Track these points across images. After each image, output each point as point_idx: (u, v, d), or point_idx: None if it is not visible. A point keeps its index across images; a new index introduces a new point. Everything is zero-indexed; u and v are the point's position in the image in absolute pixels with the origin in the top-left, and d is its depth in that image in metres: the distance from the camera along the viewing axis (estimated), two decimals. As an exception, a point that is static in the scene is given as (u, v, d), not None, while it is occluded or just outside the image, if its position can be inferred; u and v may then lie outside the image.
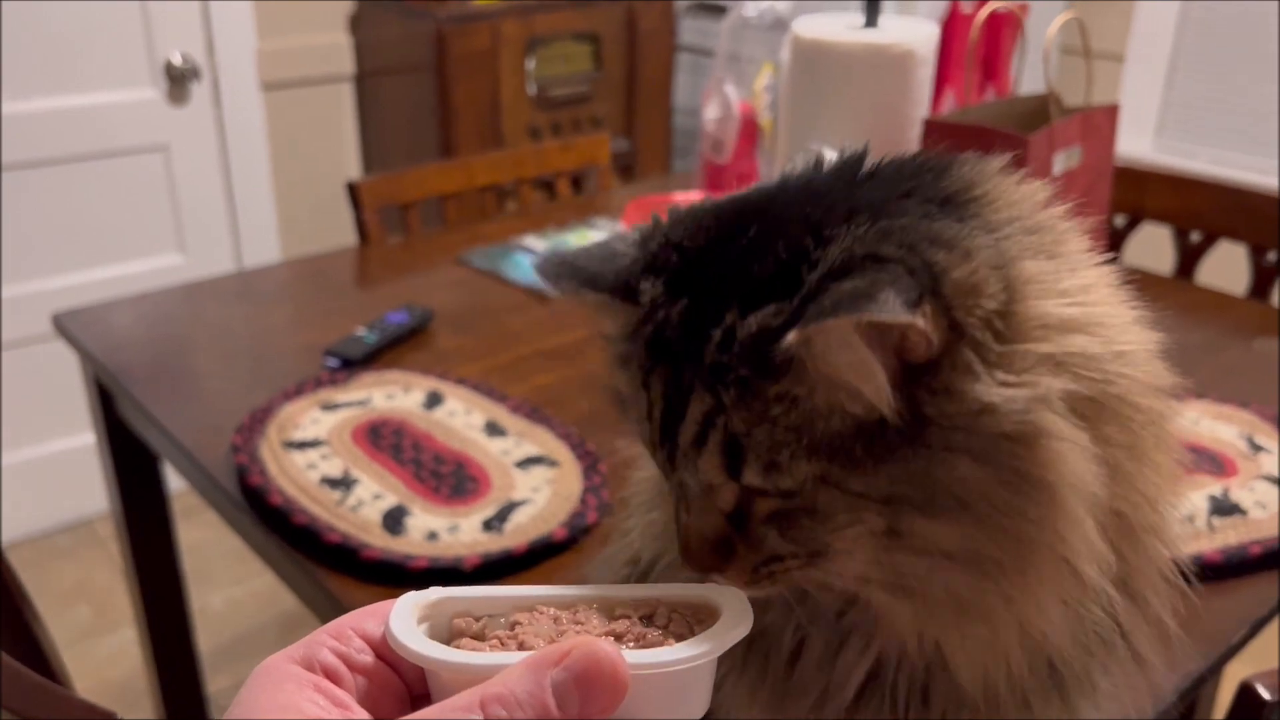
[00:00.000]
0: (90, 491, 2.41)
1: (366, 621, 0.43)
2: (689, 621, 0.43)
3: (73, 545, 2.50)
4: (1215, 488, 1.03)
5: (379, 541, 0.97)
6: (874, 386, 0.43)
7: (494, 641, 0.42)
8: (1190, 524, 0.99)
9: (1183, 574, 0.57)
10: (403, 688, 0.43)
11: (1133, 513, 0.50)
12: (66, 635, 2.19)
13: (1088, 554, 0.46)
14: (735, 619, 0.42)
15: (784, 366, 0.44)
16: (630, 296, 0.50)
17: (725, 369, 0.45)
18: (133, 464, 1.48)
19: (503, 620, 0.43)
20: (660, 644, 0.41)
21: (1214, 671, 0.88)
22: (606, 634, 0.41)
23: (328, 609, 0.97)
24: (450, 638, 0.43)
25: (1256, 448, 1.11)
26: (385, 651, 0.42)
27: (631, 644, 0.41)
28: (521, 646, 0.41)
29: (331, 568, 0.96)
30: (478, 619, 0.44)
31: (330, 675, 0.41)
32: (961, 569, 0.46)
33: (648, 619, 0.43)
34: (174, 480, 1.49)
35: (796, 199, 0.49)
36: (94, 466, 1.71)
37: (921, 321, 0.42)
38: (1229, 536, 0.97)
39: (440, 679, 0.40)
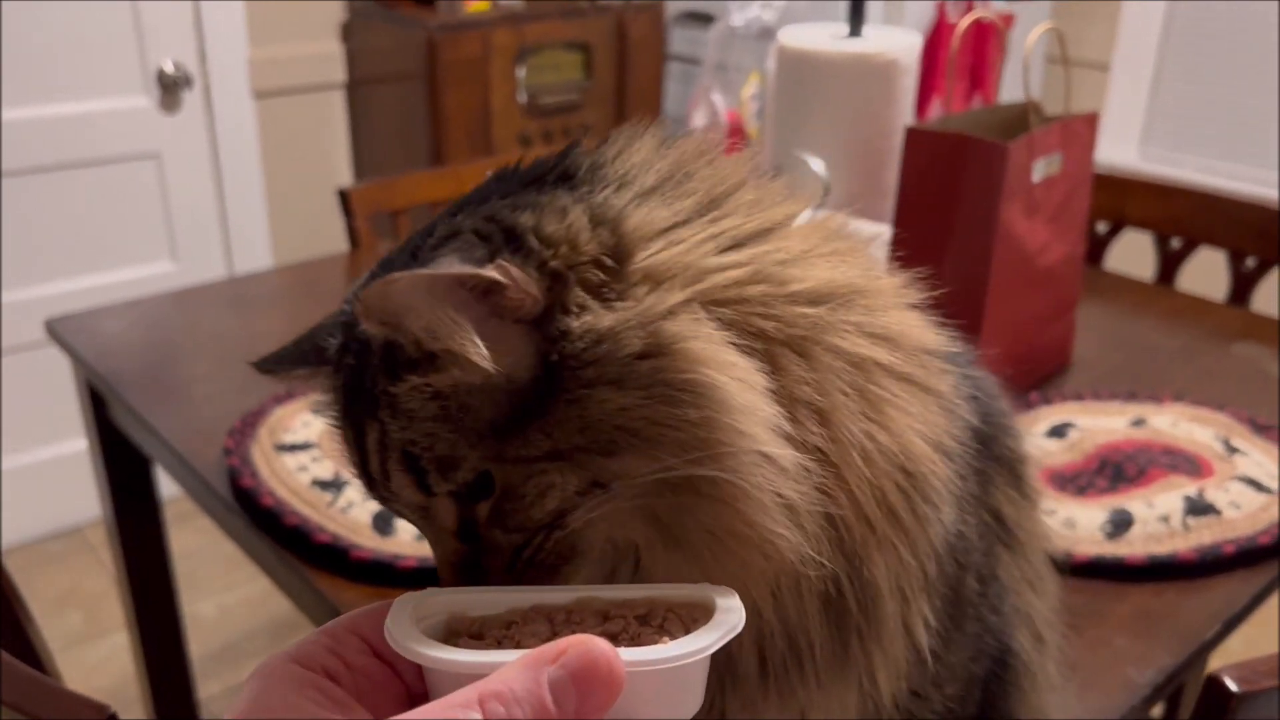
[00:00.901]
0: (81, 498, 2.41)
1: (364, 621, 0.44)
2: (683, 620, 0.43)
3: (64, 551, 2.50)
4: (1191, 488, 1.05)
5: (369, 542, 0.98)
6: (459, 342, 0.44)
7: (491, 641, 0.43)
8: (1166, 524, 1.01)
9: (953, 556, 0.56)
10: (401, 687, 0.44)
11: (838, 453, 0.49)
12: (57, 641, 2.19)
13: (773, 439, 0.46)
14: (729, 616, 0.42)
15: (409, 363, 0.46)
16: (322, 359, 0.52)
17: (373, 391, 0.47)
18: (125, 470, 1.49)
19: (499, 620, 0.44)
20: (655, 642, 0.41)
21: (1188, 667, 0.90)
22: (602, 633, 0.42)
23: (318, 610, 0.99)
24: (447, 637, 0.43)
25: (1232, 449, 1.13)
26: (383, 651, 0.43)
27: (626, 642, 0.41)
28: (518, 646, 0.42)
29: (322, 568, 0.98)
30: (474, 618, 0.44)
31: (329, 675, 0.42)
32: (687, 497, 0.46)
33: (643, 618, 0.43)
34: (166, 486, 1.50)
35: (446, 211, 0.53)
36: (85, 473, 1.72)
37: (495, 274, 0.44)
38: (1204, 536, 0.99)
39: (438, 677, 0.41)
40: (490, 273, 0.44)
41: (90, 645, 2.22)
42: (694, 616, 0.43)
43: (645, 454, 0.45)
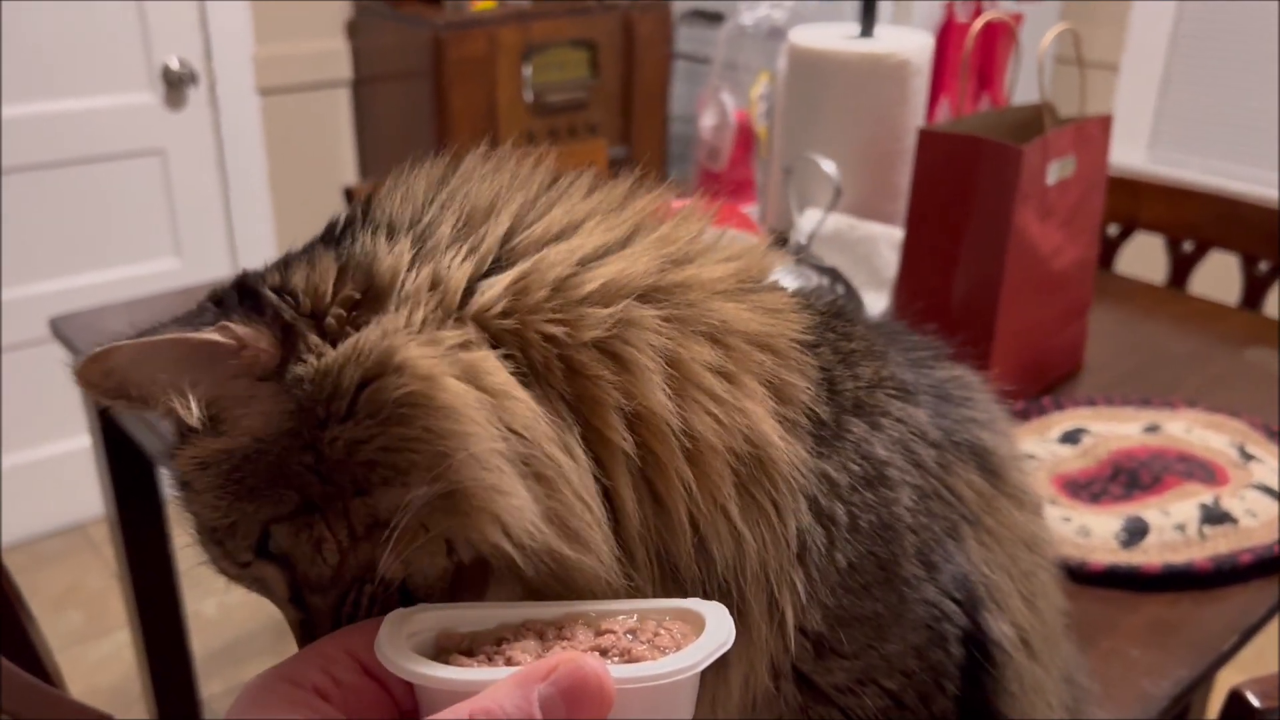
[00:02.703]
0: (83, 496, 2.41)
1: (355, 638, 0.43)
2: (674, 634, 0.43)
3: (65, 550, 2.49)
4: (1206, 496, 1.04)
5: (374, 546, 0.97)
6: (168, 403, 0.45)
7: (481, 657, 0.42)
8: (1182, 532, 0.99)
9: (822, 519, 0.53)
10: (391, 704, 0.43)
11: (663, 452, 0.48)
12: (58, 640, 2.18)
13: (497, 432, 0.44)
14: (719, 632, 0.42)
15: (182, 433, 0.47)
16: None
17: (169, 467, 0.49)
18: (128, 468, 1.48)
19: (490, 635, 0.44)
20: (645, 658, 0.41)
21: (1204, 679, 0.89)
22: (592, 649, 0.42)
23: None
24: (438, 654, 0.43)
25: (1248, 456, 1.11)
26: (374, 668, 0.42)
27: (617, 658, 0.41)
28: (509, 662, 0.41)
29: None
30: (465, 634, 0.44)
31: (319, 692, 0.41)
32: (451, 516, 0.45)
33: (633, 633, 0.43)
34: (168, 484, 1.49)
35: None
36: (86, 471, 1.71)
37: (216, 335, 0.44)
38: (1220, 545, 0.98)
39: (429, 694, 0.41)
40: (207, 335, 0.44)
41: (92, 644, 2.21)
42: (684, 631, 0.43)
43: (396, 485, 0.44)
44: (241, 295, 0.47)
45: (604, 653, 0.42)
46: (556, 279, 0.48)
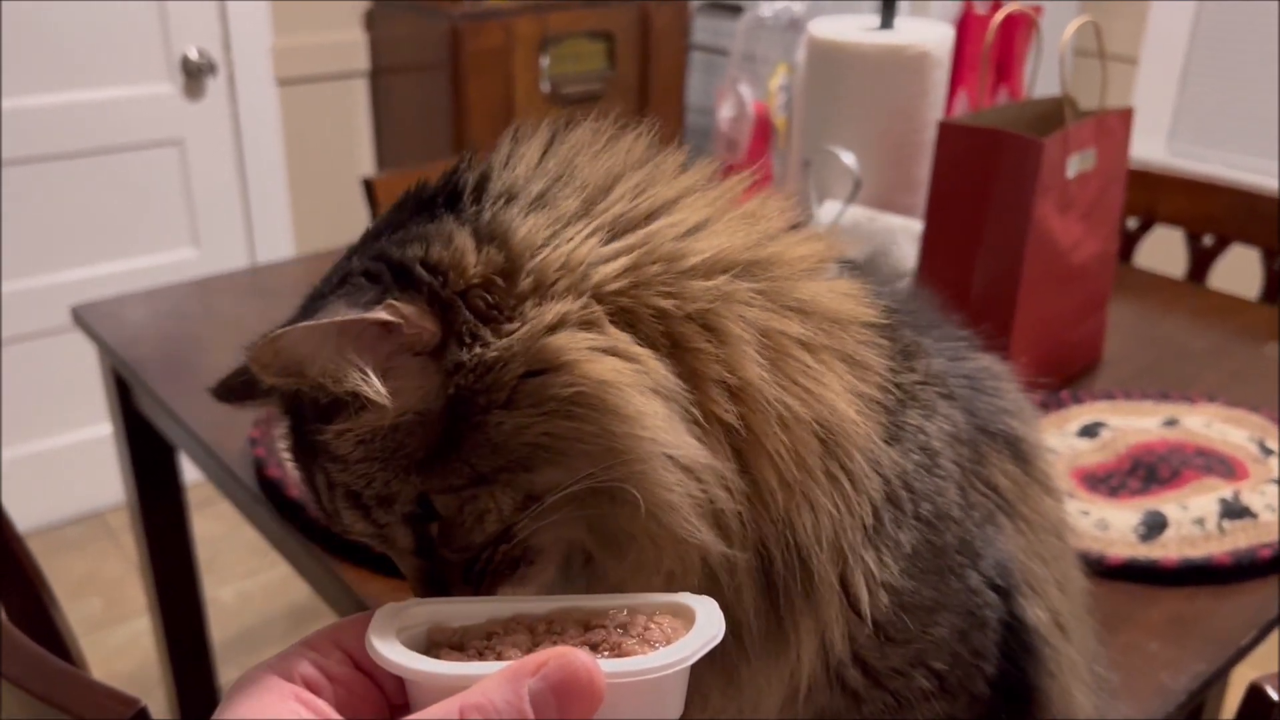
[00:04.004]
0: (101, 483, 2.43)
1: (346, 632, 0.44)
2: (664, 628, 0.43)
3: (83, 537, 2.51)
4: (1226, 491, 1.04)
5: (395, 535, 0.98)
6: (356, 384, 0.45)
7: (472, 652, 0.43)
8: (1201, 527, 0.99)
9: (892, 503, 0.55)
10: (382, 698, 0.44)
11: (757, 423, 0.49)
12: (77, 627, 2.18)
13: (674, 440, 0.46)
14: (709, 626, 0.43)
15: (330, 409, 0.47)
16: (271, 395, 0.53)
17: (309, 435, 0.49)
18: (149, 456, 1.49)
19: (480, 630, 0.44)
20: (635, 652, 0.42)
21: (1223, 673, 0.89)
22: (583, 643, 0.42)
23: (342, 600, 0.98)
24: (429, 648, 0.44)
25: (1267, 451, 1.11)
26: (364, 662, 0.43)
27: (607, 653, 0.42)
28: (499, 657, 0.42)
29: (348, 560, 0.97)
30: (455, 629, 0.44)
31: (310, 686, 0.42)
32: (607, 504, 0.47)
33: (623, 628, 0.43)
34: (188, 472, 1.51)
35: (352, 246, 0.53)
36: (105, 458, 1.73)
37: (385, 314, 0.45)
38: (1239, 539, 0.98)
39: (419, 689, 0.41)
40: (380, 314, 0.45)
41: (110, 630, 2.23)
42: (675, 625, 0.43)
43: (561, 466, 0.46)
44: (394, 271, 0.47)
45: (594, 647, 0.42)
46: (666, 254, 0.49)
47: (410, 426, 0.47)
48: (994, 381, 0.65)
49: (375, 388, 0.45)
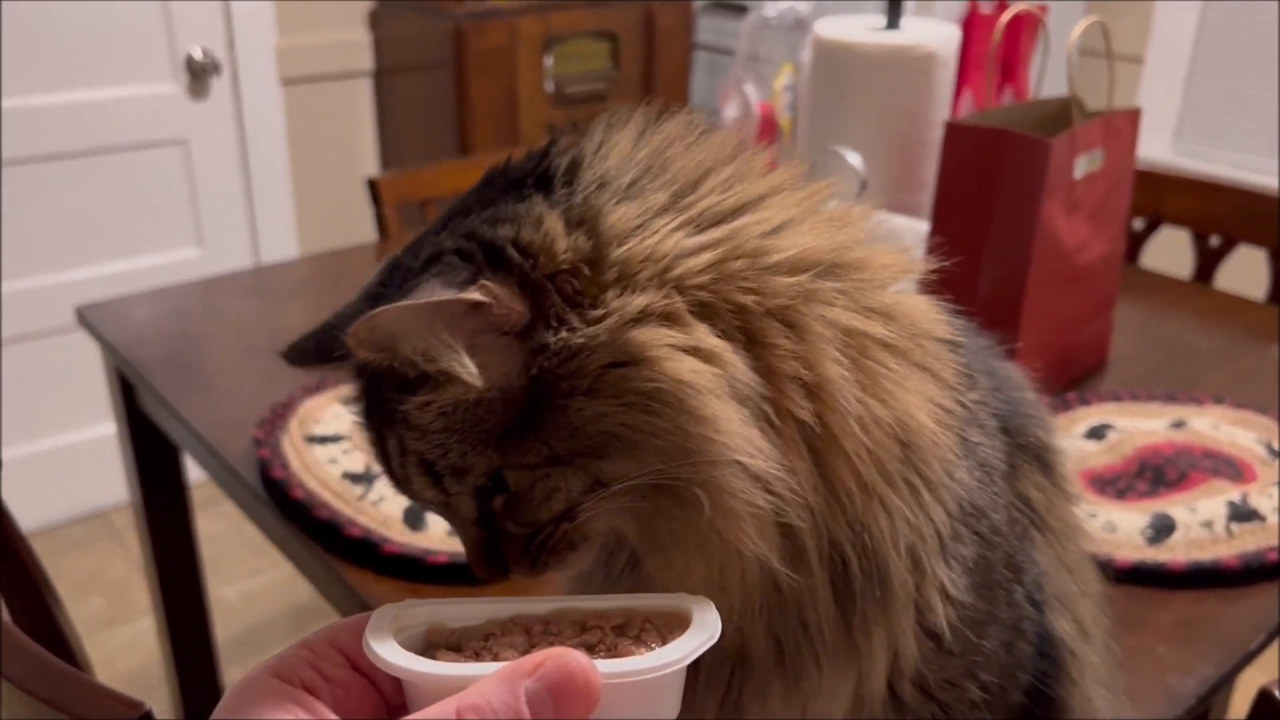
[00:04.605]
0: (105, 483, 2.43)
1: (343, 634, 0.44)
2: (660, 630, 0.43)
3: (87, 536, 2.51)
4: (1234, 493, 1.03)
5: (400, 536, 0.97)
6: (450, 363, 0.45)
7: (469, 653, 0.43)
8: (1209, 530, 0.99)
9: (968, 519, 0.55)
10: (379, 700, 0.44)
11: (835, 423, 0.49)
12: (81, 626, 2.18)
13: (749, 447, 0.46)
14: (705, 627, 0.43)
15: (414, 383, 0.48)
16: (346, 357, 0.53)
17: (388, 404, 0.49)
18: (153, 456, 1.49)
19: (477, 631, 0.44)
20: (632, 653, 0.42)
21: (1231, 677, 0.88)
22: (579, 644, 0.42)
23: (347, 603, 0.98)
24: (426, 649, 0.44)
25: (1275, 453, 1.11)
26: (362, 664, 0.43)
27: (604, 654, 0.42)
28: (496, 658, 0.42)
29: (352, 562, 0.97)
30: (452, 630, 0.44)
31: (308, 688, 0.42)
32: (669, 501, 0.48)
33: (620, 629, 0.43)
34: (192, 471, 1.50)
35: (440, 218, 0.54)
36: (109, 458, 1.72)
37: (478, 295, 0.45)
38: (1247, 542, 0.97)
39: (417, 690, 0.41)
40: (474, 295, 0.45)
41: (114, 630, 2.23)
42: (670, 626, 0.44)
43: (633, 458, 0.47)
44: (485, 251, 0.48)
45: (591, 648, 0.42)
46: (751, 250, 0.49)
47: (491, 403, 0.47)
48: (1019, 391, 0.65)
49: (467, 367, 0.46)
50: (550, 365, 0.46)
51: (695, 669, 0.53)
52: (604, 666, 0.39)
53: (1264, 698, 0.71)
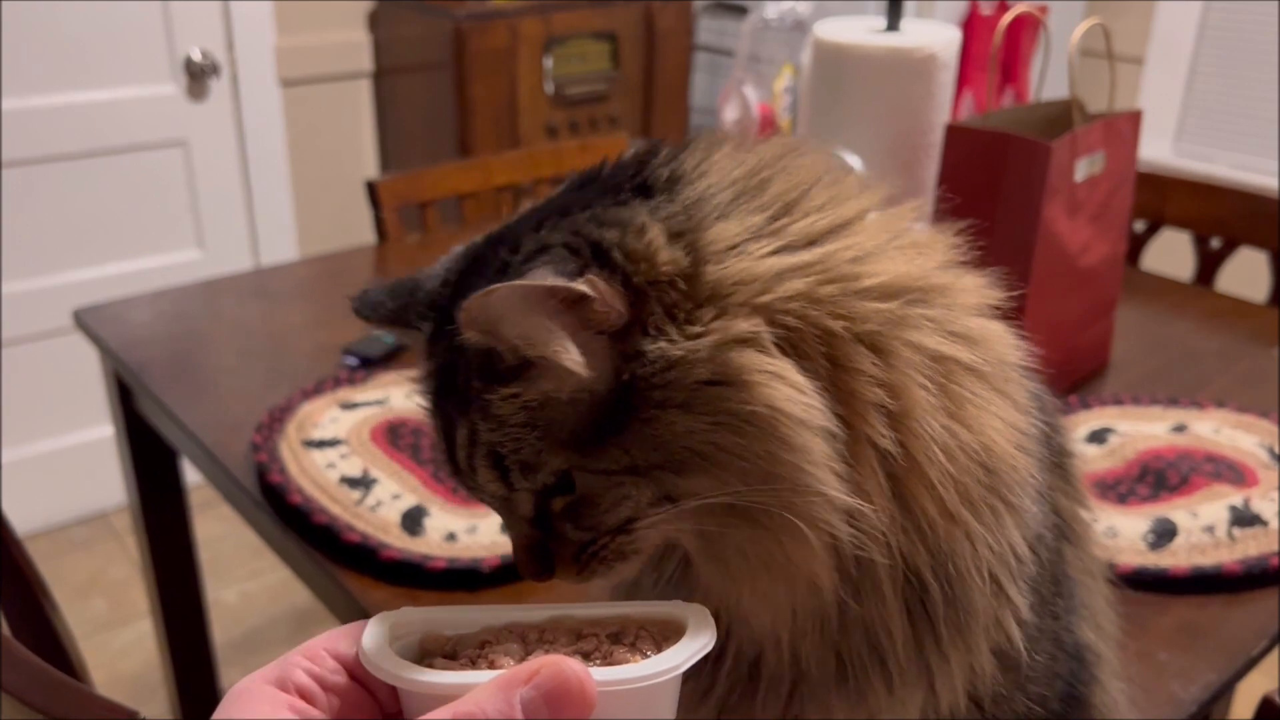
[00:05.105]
0: (106, 484, 2.42)
1: (340, 641, 0.44)
2: (655, 638, 0.44)
3: (88, 538, 2.51)
4: (1236, 498, 1.03)
5: (398, 542, 0.97)
6: (554, 350, 0.45)
7: (464, 660, 0.43)
8: (1211, 534, 0.98)
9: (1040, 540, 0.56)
10: (375, 707, 0.44)
11: (919, 448, 0.49)
12: (81, 628, 2.20)
13: (834, 481, 0.47)
14: (699, 634, 0.43)
15: (506, 372, 0.48)
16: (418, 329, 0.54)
17: (466, 391, 0.49)
18: (151, 458, 1.49)
19: (473, 639, 0.44)
20: (627, 661, 0.42)
21: (1234, 683, 0.88)
22: (574, 652, 0.43)
23: (345, 608, 0.98)
24: (422, 657, 0.44)
25: (1277, 458, 1.10)
26: (358, 671, 0.43)
27: (599, 661, 0.42)
28: (492, 665, 0.42)
29: (350, 567, 0.97)
30: (448, 638, 0.45)
31: (304, 695, 0.42)
32: (739, 521, 0.48)
33: (615, 636, 0.44)
34: (190, 474, 1.50)
35: (525, 215, 0.54)
36: (110, 459, 1.72)
37: (585, 287, 0.45)
38: (1249, 547, 0.97)
39: (412, 698, 0.41)
40: (581, 286, 0.45)
41: (114, 631, 2.23)
42: (665, 634, 0.44)
43: (714, 476, 0.47)
44: (591, 249, 0.48)
45: (586, 656, 0.42)
46: (842, 275, 0.49)
47: (577, 403, 0.47)
48: (1046, 397, 0.66)
49: (572, 354, 0.45)
50: (645, 373, 0.46)
51: (753, 681, 0.55)
52: (599, 674, 0.40)
53: (1266, 705, 0.71)
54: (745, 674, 0.55)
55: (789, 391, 0.46)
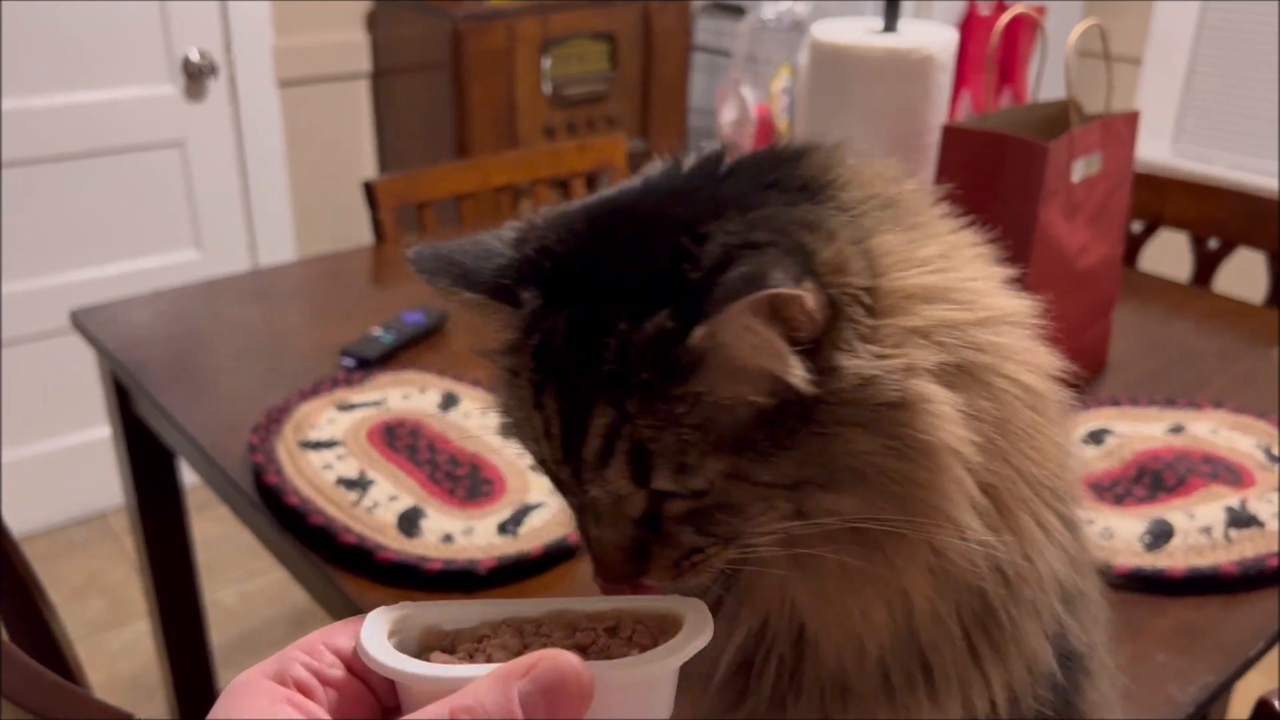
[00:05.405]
0: (104, 485, 2.42)
1: (338, 636, 0.44)
2: (652, 632, 0.44)
3: (86, 538, 2.51)
4: (1233, 499, 1.03)
5: (394, 543, 0.97)
6: (782, 363, 0.44)
7: (462, 654, 0.43)
8: (1207, 535, 0.98)
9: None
10: (374, 701, 0.44)
11: (1004, 485, 0.50)
12: (79, 629, 2.20)
13: (974, 516, 0.47)
14: (696, 629, 0.43)
15: (688, 367, 0.45)
16: (507, 299, 0.50)
17: (625, 378, 0.45)
18: (148, 459, 1.49)
19: (471, 633, 0.45)
20: (624, 654, 0.42)
21: (1230, 684, 0.88)
22: (572, 645, 0.43)
23: (342, 609, 0.98)
24: (420, 651, 0.44)
25: (1274, 459, 1.10)
26: (357, 665, 0.43)
27: (596, 655, 0.42)
28: (489, 659, 0.42)
29: (346, 568, 0.97)
30: (447, 632, 0.45)
31: (303, 689, 0.42)
32: (856, 540, 0.47)
33: (612, 631, 0.44)
34: (188, 474, 1.50)
35: (663, 200, 0.51)
36: (108, 460, 1.72)
37: (808, 296, 0.44)
38: (1246, 549, 0.97)
39: (411, 691, 0.41)
40: (800, 293, 0.43)
41: (112, 632, 2.22)
42: (662, 628, 0.44)
43: (862, 498, 0.46)
44: (792, 256, 0.45)
45: (583, 650, 0.43)
46: (965, 301, 0.49)
47: (745, 408, 0.45)
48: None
49: (800, 372, 0.44)
50: (829, 388, 0.45)
51: (793, 691, 0.54)
52: (596, 668, 0.40)
53: (1263, 706, 0.71)
54: (786, 681, 0.54)
55: (957, 428, 0.46)
